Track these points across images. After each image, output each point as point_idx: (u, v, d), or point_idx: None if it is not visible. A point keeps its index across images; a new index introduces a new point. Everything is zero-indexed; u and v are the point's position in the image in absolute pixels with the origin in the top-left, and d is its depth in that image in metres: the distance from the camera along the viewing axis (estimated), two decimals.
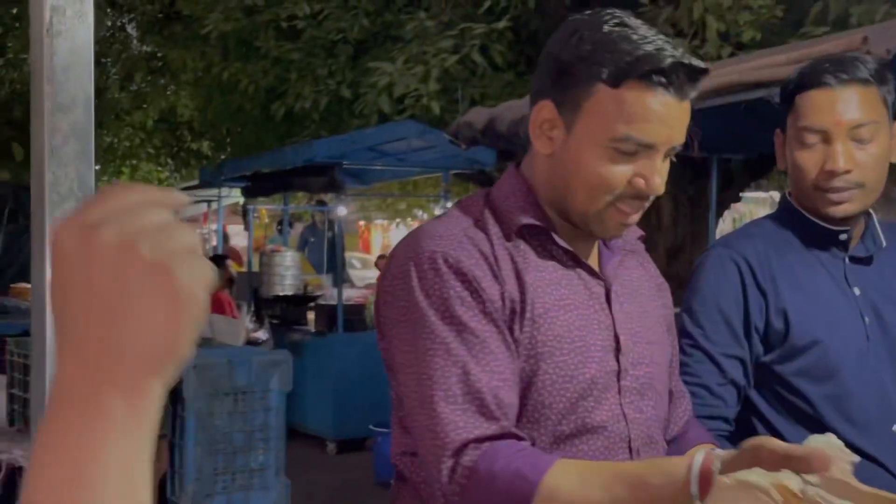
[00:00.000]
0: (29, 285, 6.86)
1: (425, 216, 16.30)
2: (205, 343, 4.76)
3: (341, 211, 8.67)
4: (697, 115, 1.32)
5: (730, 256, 1.70)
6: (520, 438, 1.23)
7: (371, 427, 5.90)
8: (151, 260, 0.52)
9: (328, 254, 11.74)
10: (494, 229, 1.31)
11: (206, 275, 0.54)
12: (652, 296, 1.47)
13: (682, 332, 1.67)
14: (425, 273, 1.25)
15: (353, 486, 6.09)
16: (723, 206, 7.11)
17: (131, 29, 11.77)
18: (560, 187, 1.30)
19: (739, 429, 1.66)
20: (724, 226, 8.56)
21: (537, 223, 1.32)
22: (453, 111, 6.94)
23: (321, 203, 12.59)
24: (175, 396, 3.87)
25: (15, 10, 10.76)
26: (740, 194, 7.45)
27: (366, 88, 7.20)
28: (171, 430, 3.87)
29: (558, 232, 1.33)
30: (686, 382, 1.59)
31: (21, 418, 3.81)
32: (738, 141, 5.41)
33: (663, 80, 1.21)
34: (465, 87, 7.13)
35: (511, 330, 1.26)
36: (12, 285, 8.79)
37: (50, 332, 1.10)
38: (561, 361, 1.27)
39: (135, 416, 0.53)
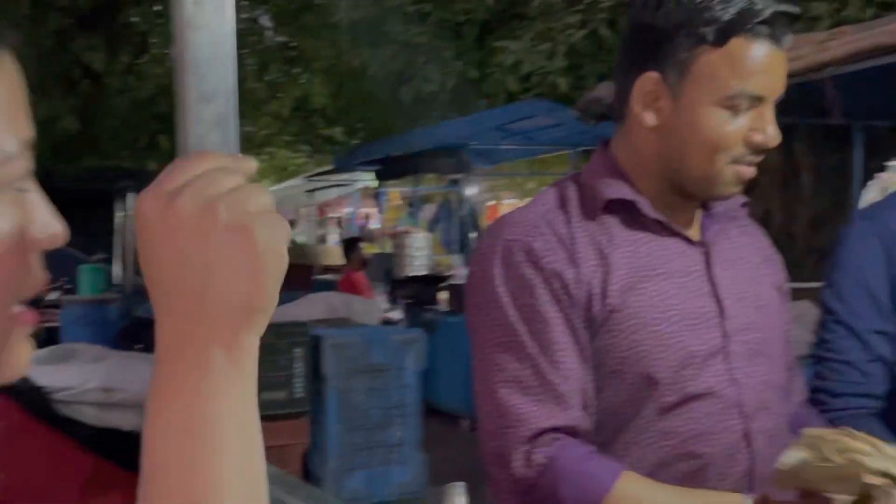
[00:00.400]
0: None
1: None
2: (342, 323, 4.91)
3: (471, 191, 8.72)
4: (839, 81, 1.29)
5: (874, 229, 1.63)
6: (586, 433, 1.25)
7: None
8: (229, 222, 0.54)
9: (459, 234, 11.85)
10: (576, 210, 1.32)
11: (283, 231, 0.57)
12: (759, 262, 1.43)
13: (825, 308, 1.62)
14: (503, 262, 1.27)
15: None
16: (867, 176, 6.77)
17: (265, 20, 12.14)
18: (673, 157, 1.29)
19: (892, 405, 1.60)
20: (872, 196, 8.15)
21: (623, 197, 1.31)
22: (580, 88, 6.86)
23: (453, 183, 12.72)
24: (315, 374, 4.01)
25: (157, 8, 11.29)
26: (886, 163, 7.08)
27: (492, 68, 7.21)
28: (312, 407, 4.01)
29: (651, 203, 1.32)
30: (828, 359, 1.54)
31: None
32: (884, 107, 5.14)
33: (766, 30, 1.22)
34: (593, 63, 7.03)
35: (590, 311, 1.26)
36: None
37: None
38: (656, 331, 1.26)
39: (236, 366, 0.56)
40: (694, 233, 1.36)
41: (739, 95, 1.23)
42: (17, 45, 0.57)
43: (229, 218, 0.55)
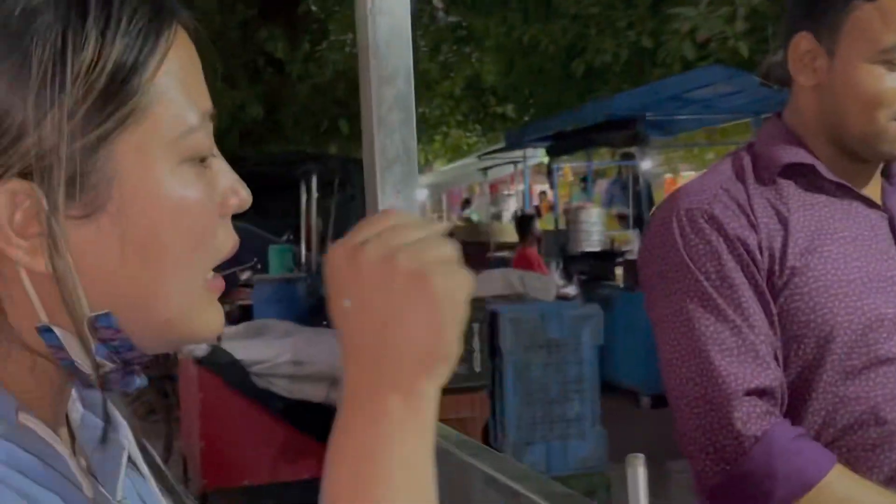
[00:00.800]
0: None
1: None
2: (518, 298, 4.95)
3: (646, 164, 8.55)
4: None
5: None
6: (783, 396, 1.23)
7: None
8: (409, 270, 0.56)
9: (634, 208, 11.65)
10: (752, 177, 1.31)
11: (464, 281, 0.58)
12: None
13: None
14: (684, 229, 1.27)
15: (669, 440, 6.05)
16: None
17: (437, 1, 12.30)
18: (833, 115, 1.28)
19: None
20: None
21: (801, 161, 1.29)
22: (763, 52, 6.56)
23: (627, 157, 12.51)
24: (493, 349, 4.08)
25: None
26: None
27: (667, 36, 7.01)
28: (491, 381, 4.08)
29: (828, 167, 1.30)
30: None
31: None
32: None
33: None
34: (776, 25, 6.70)
35: (771, 276, 1.25)
36: None
37: None
38: (840, 293, 1.24)
39: (414, 415, 0.57)
40: (875, 196, 1.33)
41: (894, 49, 1.20)
42: (189, 24, 0.60)
43: (409, 266, 0.56)
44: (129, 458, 0.67)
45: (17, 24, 0.53)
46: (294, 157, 9.82)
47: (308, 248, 8.35)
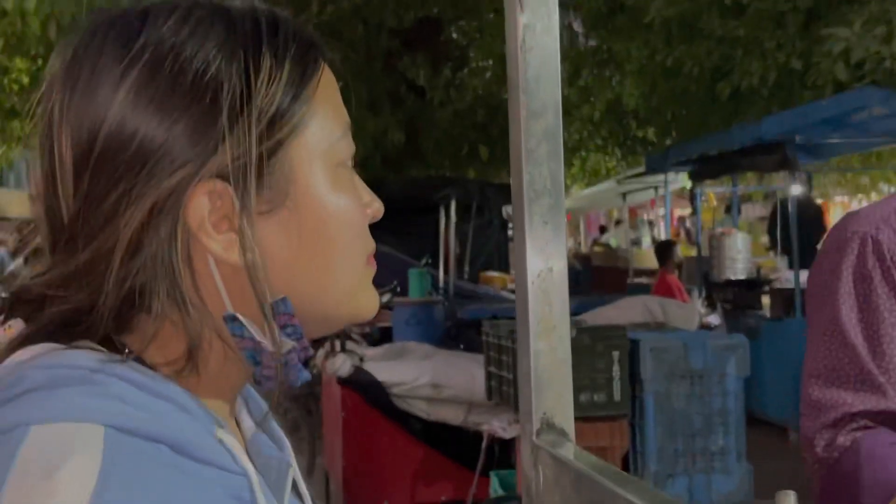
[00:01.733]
0: (496, 273, 7.49)
1: (892, 190, 14.80)
2: (659, 327, 4.85)
3: (795, 190, 8.23)
4: None
5: None
6: None
7: None
8: None
9: (781, 234, 11.23)
10: None
11: None
12: None
13: None
14: (844, 254, 1.27)
15: None
16: None
17: (577, 26, 12.29)
18: None
19: None
20: None
21: None
22: None
23: (777, 182, 12.08)
24: (633, 378, 4.02)
25: (475, 23, 11.83)
26: None
27: (819, 57, 6.76)
28: (631, 411, 4.02)
29: None
30: None
31: (498, 393, 4.21)
32: None
33: None
34: None
35: None
36: (482, 273, 9.69)
37: (532, 316, 1.24)
38: None
39: None
40: None
41: None
42: (328, 54, 0.70)
43: None
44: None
45: (202, 52, 0.62)
46: (434, 181, 9.98)
47: (446, 272, 8.44)
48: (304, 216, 0.64)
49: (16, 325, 0.65)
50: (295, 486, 0.71)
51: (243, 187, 0.62)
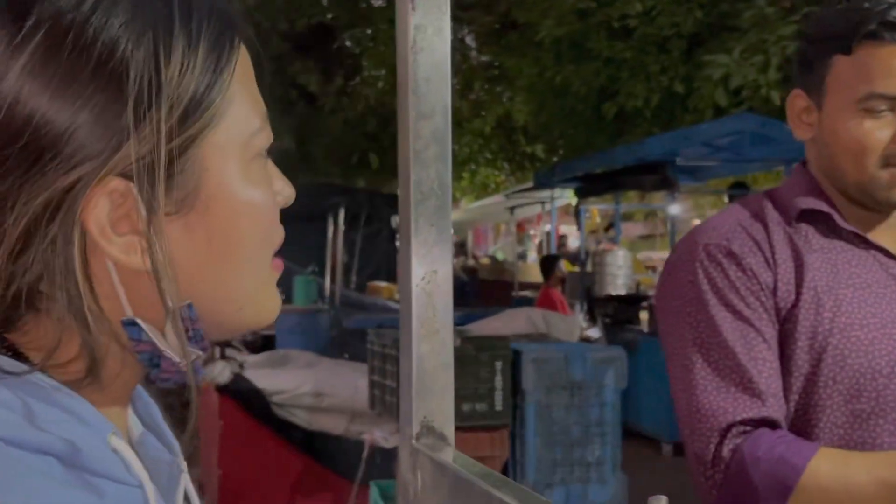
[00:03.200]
0: (383, 283, 7.47)
1: None
2: (541, 338, 4.93)
3: (674, 209, 8.52)
4: None
5: None
6: (779, 426, 1.24)
7: None
8: None
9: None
10: (773, 216, 1.34)
11: None
12: None
13: None
14: (703, 263, 1.30)
15: (690, 489, 5.97)
16: None
17: (470, 41, 12.43)
18: (829, 166, 1.33)
19: None
20: None
21: (817, 208, 1.33)
22: None
23: (657, 201, 12.47)
24: (515, 388, 4.06)
25: (369, 31, 11.82)
26: None
27: (700, 82, 7.03)
28: (512, 421, 4.05)
29: (846, 217, 1.33)
30: None
31: (381, 402, 4.19)
32: None
33: (888, 32, 1.24)
34: None
35: (786, 315, 1.27)
36: (369, 283, 9.65)
37: (416, 318, 1.23)
38: (853, 337, 1.25)
39: None
40: (891, 245, 1.35)
41: (870, 98, 1.25)
42: (246, 35, 0.65)
43: None
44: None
45: (106, 30, 0.56)
46: (323, 189, 9.90)
47: (333, 281, 8.37)
48: (215, 218, 0.60)
49: None
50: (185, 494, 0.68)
51: (150, 188, 0.56)
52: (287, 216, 0.64)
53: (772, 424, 1.23)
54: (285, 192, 0.67)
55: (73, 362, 0.58)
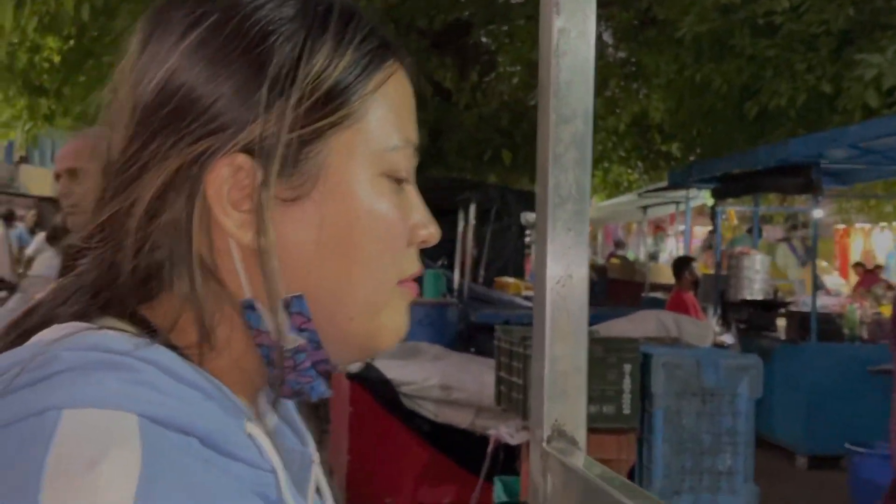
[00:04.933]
0: (511, 279, 7.48)
1: None
2: (673, 342, 4.83)
3: (817, 213, 8.18)
4: None
5: None
6: None
7: (847, 445, 5.51)
8: None
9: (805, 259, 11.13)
10: None
11: None
12: None
13: None
14: None
15: (823, 502, 5.73)
16: None
17: (607, 37, 12.25)
18: None
19: None
20: None
21: None
22: None
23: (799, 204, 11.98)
24: (644, 392, 3.99)
25: (505, 27, 11.82)
26: None
27: (849, 82, 6.71)
28: (640, 425, 3.99)
29: None
30: None
31: (507, 399, 4.20)
32: None
33: None
34: None
35: None
36: (497, 279, 9.67)
37: (549, 321, 1.23)
38: None
39: None
40: None
41: None
42: (410, 67, 0.68)
43: None
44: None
45: (265, 23, 0.61)
46: (455, 183, 9.97)
47: (462, 275, 8.43)
48: (331, 212, 0.61)
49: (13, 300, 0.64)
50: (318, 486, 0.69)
51: (269, 166, 0.59)
52: None
53: None
54: (430, 228, 0.67)
55: (202, 343, 0.60)
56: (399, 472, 4.71)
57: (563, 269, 1.22)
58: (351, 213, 0.62)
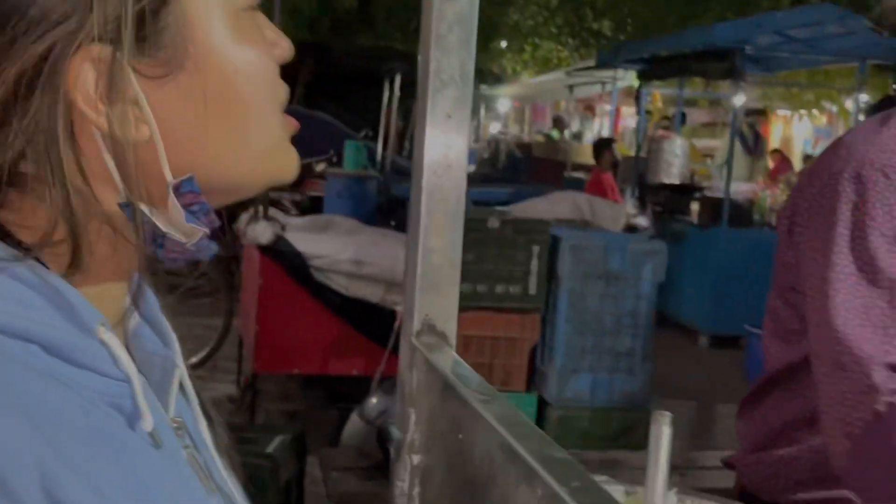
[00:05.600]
0: None
1: (834, 109, 14.95)
2: (585, 225, 4.87)
3: (739, 99, 8.22)
4: None
5: None
6: None
7: (747, 326, 5.72)
8: None
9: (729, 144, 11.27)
10: None
11: None
12: None
13: None
14: (856, 183, 1.16)
15: (721, 381, 5.99)
16: None
17: None
18: None
19: None
20: None
21: None
22: None
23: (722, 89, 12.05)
24: (550, 273, 4.04)
25: None
26: None
27: None
28: (546, 306, 4.05)
29: None
30: None
31: None
32: None
33: None
34: None
35: None
36: None
37: (425, 212, 1.18)
38: None
39: None
40: None
41: None
42: None
43: None
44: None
45: None
46: (382, 52, 9.71)
47: (385, 147, 8.31)
48: (207, 77, 0.56)
49: None
50: (182, 387, 0.65)
51: (129, 49, 0.53)
52: (343, 78, 0.59)
53: None
54: (281, 44, 0.62)
55: (58, 246, 0.55)
56: (308, 343, 4.72)
57: (441, 157, 1.17)
58: (228, 68, 0.57)
